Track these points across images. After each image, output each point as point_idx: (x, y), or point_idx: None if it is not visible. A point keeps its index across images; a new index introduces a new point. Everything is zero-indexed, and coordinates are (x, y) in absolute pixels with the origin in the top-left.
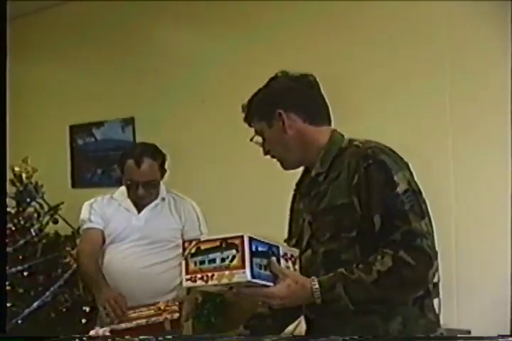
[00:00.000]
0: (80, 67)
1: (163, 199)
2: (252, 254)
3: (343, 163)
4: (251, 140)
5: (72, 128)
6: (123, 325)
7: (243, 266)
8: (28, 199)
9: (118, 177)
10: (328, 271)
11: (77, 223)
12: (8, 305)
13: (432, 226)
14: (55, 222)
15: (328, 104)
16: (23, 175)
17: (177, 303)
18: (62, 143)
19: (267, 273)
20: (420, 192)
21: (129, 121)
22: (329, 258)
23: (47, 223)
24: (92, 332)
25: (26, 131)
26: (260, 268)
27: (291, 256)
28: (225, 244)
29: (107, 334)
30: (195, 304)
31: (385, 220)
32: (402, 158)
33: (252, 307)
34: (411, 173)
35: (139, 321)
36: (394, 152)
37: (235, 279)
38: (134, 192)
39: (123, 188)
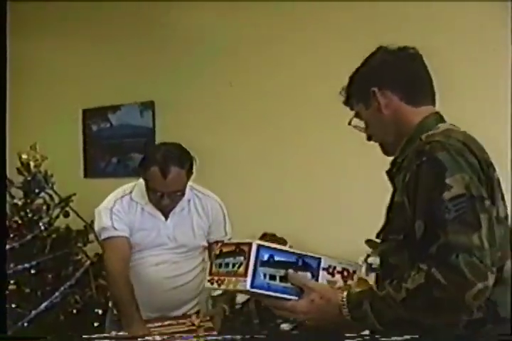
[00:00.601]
0: (95, 45)
1: (188, 201)
2: (260, 263)
3: (407, 157)
4: (349, 123)
5: (85, 112)
6: (157, 338)
7: (245, 275)
8: (37, 190)
9: (135, 167)
10: (382, 275)
11: (90, 216)
12: (13, 306)
13: (494, 240)
14: (66, 215)
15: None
16: (31, 164)
17: (208, 318)
18: (75, 129)
19: (286, 284)
20: (483, 199)
21: (148, 105)
22: (381, 261)
23: (57, 216)
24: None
25: (36, 116)
26: (272, 279)
27: (344, 270)
28: (238, 249)
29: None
30: (224, 316)
31: (427, 228)
32: (478, 156)
33: None
34: (479, 176)
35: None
36: (471, 148)
37: (238, 287)
38: (158, 202)
39: (141, 186)
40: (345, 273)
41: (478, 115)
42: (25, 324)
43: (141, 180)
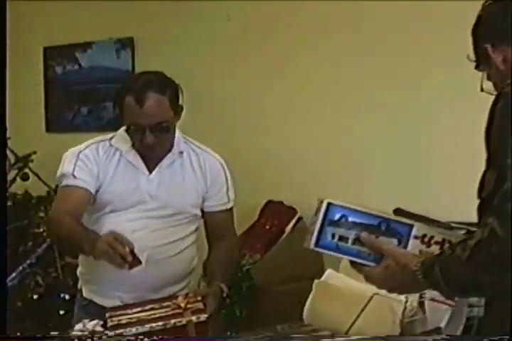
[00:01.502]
0: None
1: (180, 153)
2: (328, 222)
3: None
4: (481, 90)
5: (47, 50)
6: (133, 330)
7: (311, 233)
8: None
9: (110, 118)
10: None
11: (53, 180)
12: None
13: None
14: (25, 177)
15: None
16: None
17: (199, 298)
18: (34, 71)
19: (361, 248)
20: None
21: (126, 43)
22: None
23: (13, 179)
24: (77, 326)
25: None
26: (343, 241)
27: (445, 240)
28: (316, 207)
29: (99, 328)
30: (221, 297)
31: (497, 177)
32: None
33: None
34: None
35: (153, 324)
36: None
37: (305, 245)
38: (140, 141)
39: (123, 132)
40: (447, 245)
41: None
42: None
43: (123, 131)
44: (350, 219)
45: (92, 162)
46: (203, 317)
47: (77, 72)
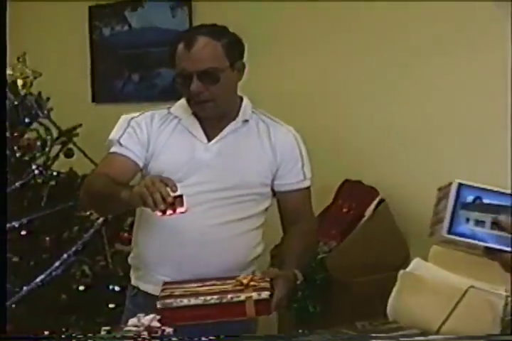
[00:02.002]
0: None
1: (245, 121)
2: (461, 205)
3: None
4: None
5: (92, 10)
6: (184, 301)
7: (441, 220)
8: (27, 120)
9: (165, 86)
10: None
11: (100, 156)
12: None
13: None
14: (69, 154)
15: None
16: (19, 82)
17: (267, 279)
18: (79, 34)
19: (500, 233)
20: None
21: (182, 1)
22: None
23: (56, 156)
24: (131, 322)
25: (25, 17)
26: (479, 225)
27: None
28: (445, 192)
29: (156, 324)
30: (294, 284)
31: None
32: None
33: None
34: None
35: (208, 297)
36: None
37: (436, 235)
38: (187, 91)
39: (183, 101)
40: None
41: (478, 115)
42: (13, 305)
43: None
44: (484, 200)
45: (143, 130)
46: (265, 294)
47: (127, 34)
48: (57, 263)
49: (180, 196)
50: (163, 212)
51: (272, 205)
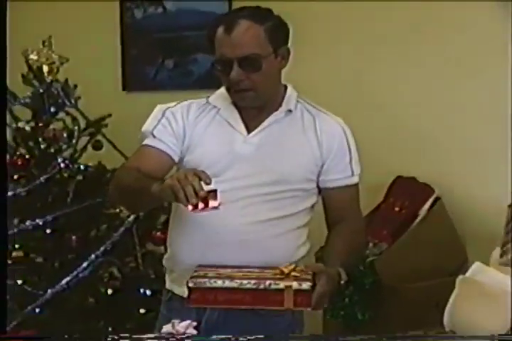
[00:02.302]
0: None
1: (289, 111)
2: None
3: None
4: None
5: None
6: (218, 282)
7: None
8: (53, 109)
9: (201, 73)
10: None
11: (131, 149)
12: (18, 282)
13: None
14: (98, 146)
15: None
16: (44, 68)
17: (310, 272)
18: (109, 16)
19: None
20: None
21: None
22: None
23: (84, 148)
24: (165, 328)
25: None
26: None
27: None
28: None
29: (192, 331)
30: (337, 283)
31: None
32: None
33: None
34: None
35: (244, 281)
36: None
37: None
38: (226, 79)
39: (223, 90)
40: None
41: (478, 115)
42: (37, 309)
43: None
44: None
45: (178, 121)
46: (307, 285)
47: (161, 17)
48: (84, 265)
49: (214, 190)
50: (195, 207)
51: (318, 203)
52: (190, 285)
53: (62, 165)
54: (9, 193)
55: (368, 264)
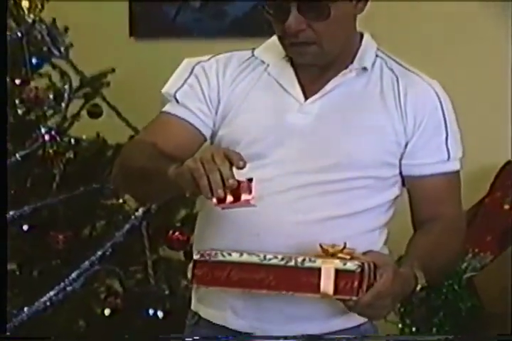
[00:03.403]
0: None
1: (364, 69)
2: None
3: None
4: None
5: None
6: (233, 255)
7: None
8: (35, 60)
9: (239, 15)
10: None
11: (144, 116)
12: None
13: None
14: (95, 113)
15: None
16: (24, 3)
17: (371, 262)
18: None
19: None
20: None
21: None
22: None
23: (76, 114)
24: None
25: None
26: None
27: None
28: None
29: None
30: (409, 286)
31: None
32: None
33: None
34: None
35: (269, 256)
36: None
37: None
38: (280, 27)
39: (274, 40)
40: None
41: (478, 114)
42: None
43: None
44: None
45: (211, 81)
46: (354, 265)
47: None
48: (73, 275)
49: (250, 180)
50: (222, 201)
51: (402, 196)
52: (196, 257)
53: (46, 137)
54: None
55: (465, 282)
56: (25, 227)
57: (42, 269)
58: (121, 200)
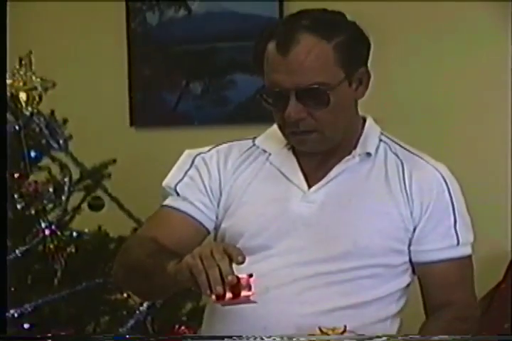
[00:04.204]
0: None
1: (367, 155)
2: None
3: None
4: None
5: None
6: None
7: None
8: (34, 153)
9: (242, 101)
10: None
11: (145, 209)
12: None
13: None
14: (97, 205)
15: None
16: (22, 96)
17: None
18: (111, 22)
19: None
20: None
21: None
22: None
23: (77, 208)
24: None
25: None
26: None
27: None
28: None
29: None
30: None
31: None
32: None
33: None
34: None
35: None
36: None
37: None
38: (280, 115)
39: (275, 129)
40: None
41: (478, 114)
42: None
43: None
44: None
45: (212, 172)
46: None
47: (185, 23)
48: None
49: (249, 275)
50: (221, 297)
51: (414, 283)
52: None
53: (46, 231)
54: None
55: None
56: (26, 326)
57: None
58: (125, 295)
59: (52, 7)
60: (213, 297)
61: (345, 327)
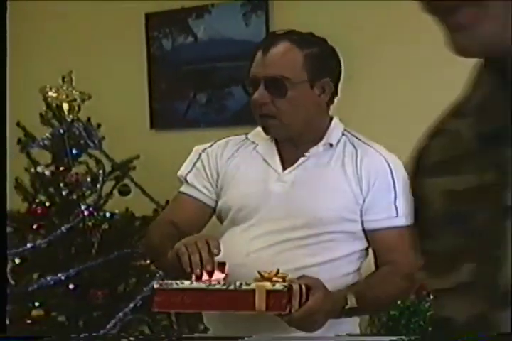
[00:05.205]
0: None
1: (329, 145)
2: None
3: None
4: None
5: (149, 17)
6: (185, 282)
7: None
8: (75, 151)
9: (238, 109)
10: None
11: (164, 192)
12: None
13: None
14: (125, 191)
15: None
16: (65, 106)
17: (302, 284)
18: (134, 47)
19: None
20: None
21: (258, 4)
22: None
23: (109, 193)
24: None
25: (73, 29)
26: None
27: None
28: None
29: None
30: (337, 305)
31: None
32: None
33: None
34: None
35: (213, 282)
36: None
37: None
38: (252, 101)
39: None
40: None
41: None
42: None
43: None
44: None
45: (211, 163)
46: (281, 285)
47: (192, 47)
48: (111, 323)
49: (223, 263)
50: (199, 278)
51: None
52: (156, 286)
53: (85, 212)
54: (28, 245)
55: (429, 318)
56: (71, 286)
57: (86, 320)
58: (148, 261)
59: (91, 35)
60: (193, 276)
61: (277, 270)
